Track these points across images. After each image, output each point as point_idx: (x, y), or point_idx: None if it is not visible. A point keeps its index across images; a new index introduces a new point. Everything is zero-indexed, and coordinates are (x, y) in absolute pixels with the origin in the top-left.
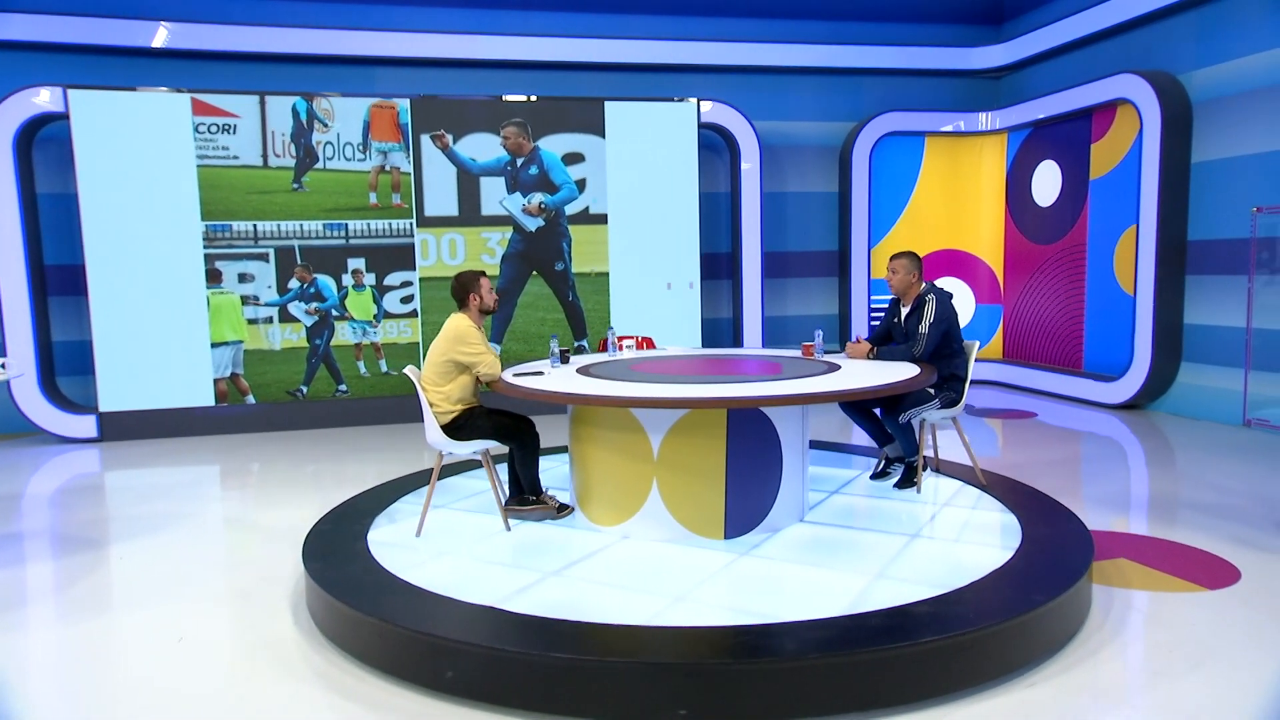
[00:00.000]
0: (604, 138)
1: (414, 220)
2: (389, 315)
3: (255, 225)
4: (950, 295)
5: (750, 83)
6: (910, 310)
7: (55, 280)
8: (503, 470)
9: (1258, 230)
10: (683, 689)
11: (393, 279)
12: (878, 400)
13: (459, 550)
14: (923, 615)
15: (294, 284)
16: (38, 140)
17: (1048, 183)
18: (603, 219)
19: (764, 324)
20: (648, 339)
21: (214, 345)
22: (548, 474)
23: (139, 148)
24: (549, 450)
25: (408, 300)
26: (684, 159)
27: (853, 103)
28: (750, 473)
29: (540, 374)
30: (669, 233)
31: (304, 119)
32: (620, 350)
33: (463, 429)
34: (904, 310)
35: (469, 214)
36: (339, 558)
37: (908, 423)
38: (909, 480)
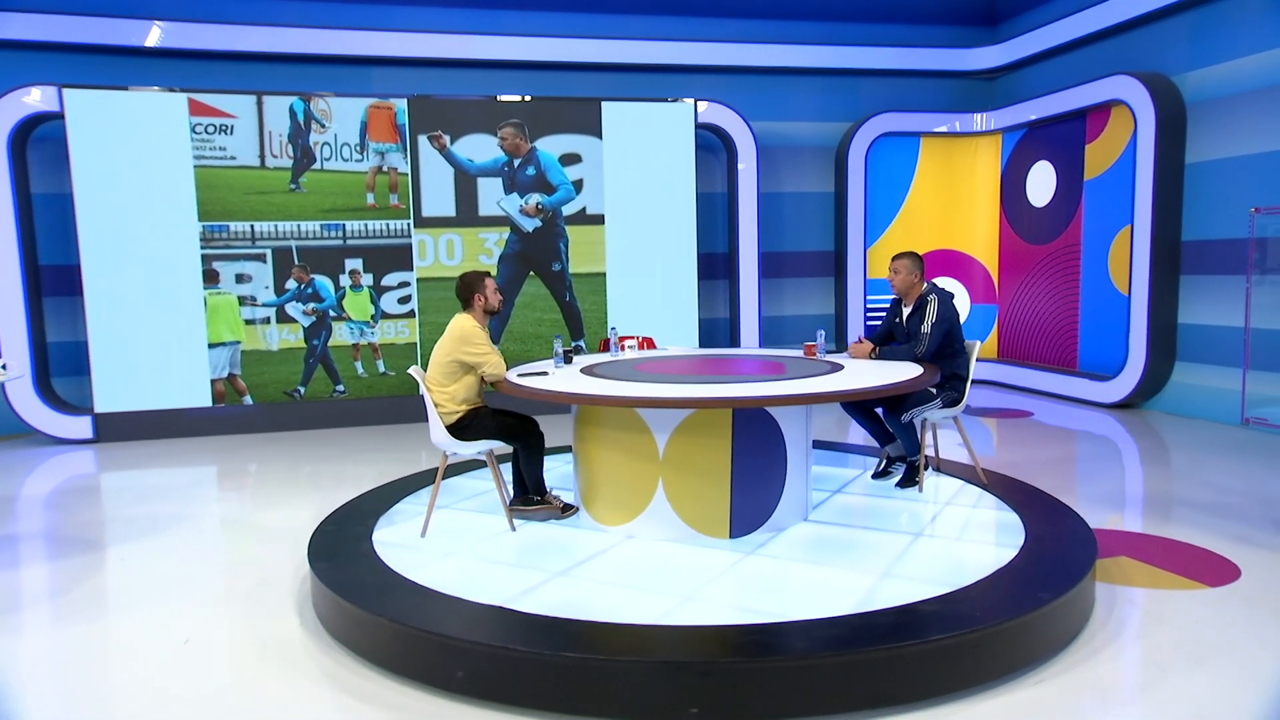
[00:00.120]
0: (601, 138)
1: (411, 221)
2: (386, 316)
3: (252, 226)
4: (952, 295)
5: (746, 83)
6: (912, 310)
7: (50, 281)
8: (507, 470)
9: (1255, 231)
10: (694, 688)
11: (390, 279)
12: (880, 400)
13: (464, 551)
14: (931, 614)
15: (291, 284)
16: (32, 140)
17: (1042, 183)
18: (600, 219)
19: (761, 324)
20: (649, 339)
21: (211, 346)
22: (551, 474)
23: (135, 148)
24: (551, 450)
25: (405, 301)
26: (681, 159)
27: (848, 103)
28: (755, 472)
29: (545, 374)
30: (666, 233)
31: (301, 119)
32: (622, 350)
33: (468, 429)
34: (906, 310)
35: (466, 215)
36: (345, 559)
37: (910, 422)
38: (911, 479)
